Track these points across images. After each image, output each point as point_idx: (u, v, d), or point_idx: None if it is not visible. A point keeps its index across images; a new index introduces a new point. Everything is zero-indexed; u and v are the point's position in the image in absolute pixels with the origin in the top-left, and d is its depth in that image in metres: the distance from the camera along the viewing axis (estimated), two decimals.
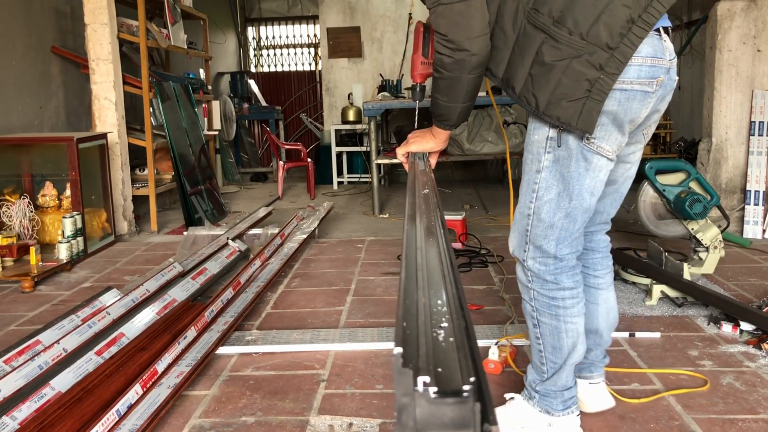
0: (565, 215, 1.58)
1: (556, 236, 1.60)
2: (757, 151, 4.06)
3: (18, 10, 4.29)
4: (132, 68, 5.09)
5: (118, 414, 1.81)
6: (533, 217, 1.61)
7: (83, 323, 2.43)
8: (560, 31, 1.40)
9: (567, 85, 1.42)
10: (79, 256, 3.79)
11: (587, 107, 1.43)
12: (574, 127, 1.46)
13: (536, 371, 1.75)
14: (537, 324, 1.69)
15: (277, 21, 9.68)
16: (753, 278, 3.19)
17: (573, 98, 1.43)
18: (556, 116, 1.46)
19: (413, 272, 0.80)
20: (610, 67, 1.40)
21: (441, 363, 0.56)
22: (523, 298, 1.72)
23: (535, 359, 1.74)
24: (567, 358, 1.68)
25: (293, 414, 1.96)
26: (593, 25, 1.39)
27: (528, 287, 1.68)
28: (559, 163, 1.54)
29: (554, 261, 1.63)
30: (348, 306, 2.94)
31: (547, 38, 1.42)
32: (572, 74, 1.41)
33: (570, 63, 1.41)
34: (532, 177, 1.59)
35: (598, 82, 1.41)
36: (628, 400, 2.00)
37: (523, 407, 1.78)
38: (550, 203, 1.57)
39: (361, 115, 6.67)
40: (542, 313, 1.67)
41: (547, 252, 1.62)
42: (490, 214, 5.08)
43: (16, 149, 4.10)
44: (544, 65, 1.43)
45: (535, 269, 1.64)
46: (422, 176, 1.47)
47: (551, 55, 1.42)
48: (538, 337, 1.70)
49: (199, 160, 5.22)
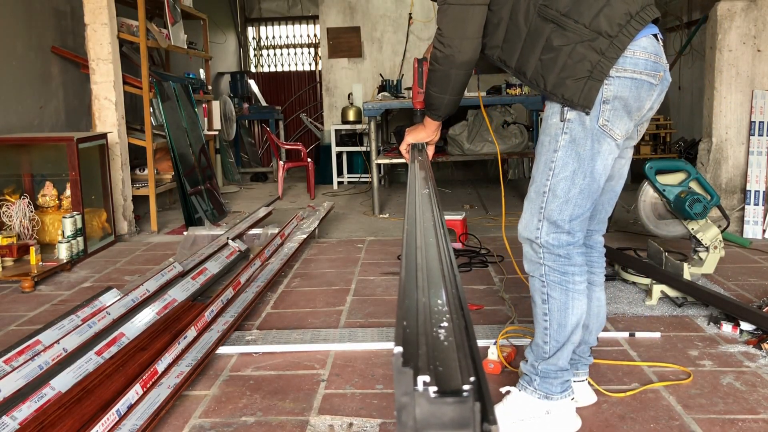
0: (579, 191, 1.70)
1: (570, 212, 1.71)
2: (757, 151, 4.06)
3: (18, 10, 4.29)
4: (132, 68, 5.09)
5: (118, 414, 1.81)
6: (549, 194, 1.71)
7: (83, 323, 2.43)
8: (568, 20, 1.60)
9: (571, 66, 1.60)
10: (79, 256, 3.79)
11: (588, 86, 1.60)
12: (576, 104, 1.62)
13: (537, 351, 1.81)
14: (546, 299, 1.76)
15: (277, 21, 9.68)
16: (753, 278, 3.19)
17: (576, 77, 1.60)
18: (561, 93, 1.63)
19: (413, 272, 0.80)
20: (609, 53, 1.58)
21: (441, 363, 0.56)
22: (532, 276, 1.79)
23: (538, 338, 1.80)
24: (569, 336, 1.76)
25: (293, 414, 1.96)
26: (595, 17, 1.58)
27: (539, 263, 1.76)
28: (575, 143, 1.67)
29: (567, 236, 1.73)
30: (348, 306, 2.94)
31: (555, 27, 1.61)
32: (576, 56, 1.60)
33: (575, 47, 1.59)
34: (549, 156, 1.71)
35: (598, 65, 1.59)
36: (612, 394, 2.00)
37: (521, 399, 1.83)
38: (566, 180, 1.69)
39: (361, 115, 6.67)
40: (553, 287, 1.75)
41: (561, 227, 1.72)
42: (490, 214, 5.08)
43: (16, 149, 4.10)
44: (553, 50, 1.62)
45: (548, 245, 1.73)
46: (421, 170, 1.49)
47: (559, 40, 1.61)
48: (545, 314, 1.77)
49: (199, 160, 5.22)
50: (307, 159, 6.46)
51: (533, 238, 1.75)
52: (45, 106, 4.57)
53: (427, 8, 7.00)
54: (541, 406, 1.79)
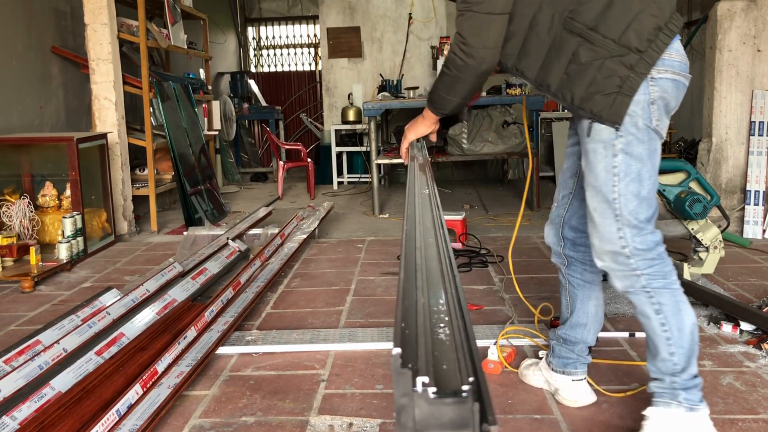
0: (648, 190, 1.66)
1: (645, 212, 1.65)
2: (757, 151, 4.06)
3: (18, 10, 4.29)
4: (132, 68, 5.09)
5: (118, 414, 1.81)
6: (620, 199, 1.65)
7: (83, 323, 2.43)
8: (596, 35, 1.57)
9: (600, 81, 1.58)
10: (79, 256, 3.79)
11: (617, 101, 1.58)
12: (605, 119, 1.59)
13: (667, 367, 1.68)
14: (659, 309, 1.67)
15: (277, 21, 9.68)
16: (753, 278, 3.19)
17: (605, 92, 1.58)
18: (589, 109, 1.61)
19: (412, 273, 0.80)
20: (639, 68, 1.56)
21: (440, 363, 0.56)
22: (635, 294, 1.68)
23: (662, 353, 1.68)
24: (691, 337, 1.67)
25: (293, 414, 1.96)
26: (624, 32, 1.56)
27: (638, 276, 1.67)
28: (633, 145, 1.62)
29: (652, 236, 1.67)
30: (348, 306, 2.94)
31: (583, 41, 1.58)
32: (605, 71, 1.57)
33: (604, 62, 1.57)
34: (608, 162, 1.64)
35: (628, 80, 1.56)
36: (612, 394, 2.00)
37: (669, 416, 1.69)
38: (634, 181, 1.64)
39: (361, 115, 6.67)
40: (661, 293, 1.67)
41: (645, 227, 1.66)
42: (490, 214, 5.08)
43: (16, 149, 4.10)
44: (581, 64, 1.59)
45: (638, 251, 1.65)
46: (421, 171, 1.48)
47: (587, 55, 1.58)
48: (663, 324, 1.67)
49: (199, 160, 5.22)
50: (307, 159, 6.46)
51: (619, 248, 1.66)
52: (45, 106, 4.57)
53: (427, 8, 7.00)
54: (692, 420, 1.67)
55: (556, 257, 2.00)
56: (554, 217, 1.97)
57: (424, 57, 7.14)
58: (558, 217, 1.96)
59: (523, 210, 2.54)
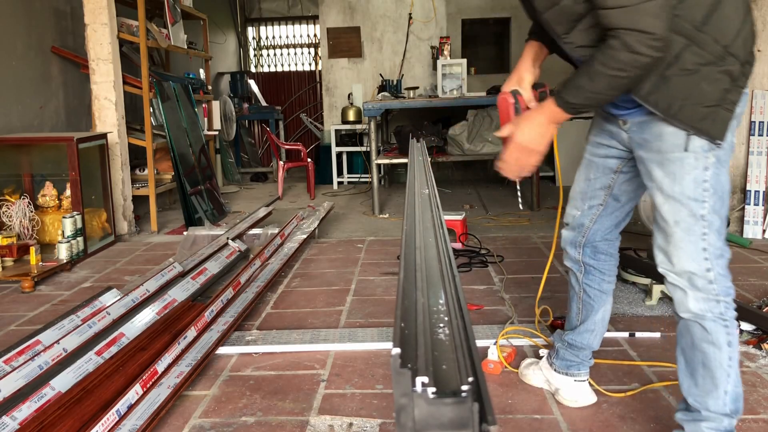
0: (726, 211, 1.54)
1: (724, 233, 1.54)
2: (757, 151, 4.06)
3: (18, 10, 4.29)
4: (132, 68, 5.09)
5: (118, 414, 1.81)
6: (709, 217, 1.50)
7: (83, 323, 2.43)
8: (706, 37, 1.41)
9: (704, 91, 1.43)
10: (79, 256, 3.79)
11: (721, 116, 1.44)
12: (705, 133, 1.45)
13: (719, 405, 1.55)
14: (731, 341, 1.52)
15: (277, 21, 9.68)
16: (753, 278, 3.19)
17: (708, 104, 1.44)
18: (688, 119, 1.45)
19: (412, 273, 0.80)
20: (740, 81, 1.44)
21: (439, 363, 0.56)
22: (710, 320, 1.52)
23: (720, 389, 1.54)
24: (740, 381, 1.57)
25: (293, 414, 1.96)
26: (735, 38, 1.41)
27: (716, 300, 1.51)
28: (722, 160, 1.50)
29: (726, 261, 1.54)
30: (348, 306, 2.94)
31: (689, 44, 1.41)
32: (711, 81, 1.42)
33: (710, 70, 1.42)
34: (698, 175, 1.49)
35: (730, 93, 1.44)
36: (612, 394, 2.00)
37: None
38: (721, 199, 1.51)
39: (361, 115, 6.67)
40: (734, 324, 1.53)
41: (725, 253, 1.53)
42: (490, 214, 5.07)
43: (16, 149, 4.10)
44: (685, 69, 1.42)
45: (721, 276, 1.52)
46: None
47: (693, 60, 1.41)
48: (731, 358, 1.53)
49: (199, 160, 5.22)
50: (307, 159, 6.46)
51: (702, 271, 1.50)
52: (45, 106, 4.57)
53: (427, 8, 7.00)
54: None
55: (571, 263, 1.91)
56: (576, 224, 1.86)
57: (424, 57, 7.14)
58: (581, 226, 1.85)
59: (523, 210, 2.53)
